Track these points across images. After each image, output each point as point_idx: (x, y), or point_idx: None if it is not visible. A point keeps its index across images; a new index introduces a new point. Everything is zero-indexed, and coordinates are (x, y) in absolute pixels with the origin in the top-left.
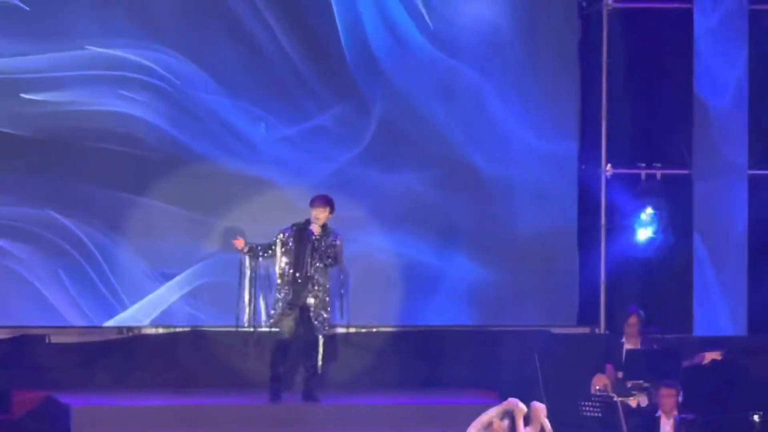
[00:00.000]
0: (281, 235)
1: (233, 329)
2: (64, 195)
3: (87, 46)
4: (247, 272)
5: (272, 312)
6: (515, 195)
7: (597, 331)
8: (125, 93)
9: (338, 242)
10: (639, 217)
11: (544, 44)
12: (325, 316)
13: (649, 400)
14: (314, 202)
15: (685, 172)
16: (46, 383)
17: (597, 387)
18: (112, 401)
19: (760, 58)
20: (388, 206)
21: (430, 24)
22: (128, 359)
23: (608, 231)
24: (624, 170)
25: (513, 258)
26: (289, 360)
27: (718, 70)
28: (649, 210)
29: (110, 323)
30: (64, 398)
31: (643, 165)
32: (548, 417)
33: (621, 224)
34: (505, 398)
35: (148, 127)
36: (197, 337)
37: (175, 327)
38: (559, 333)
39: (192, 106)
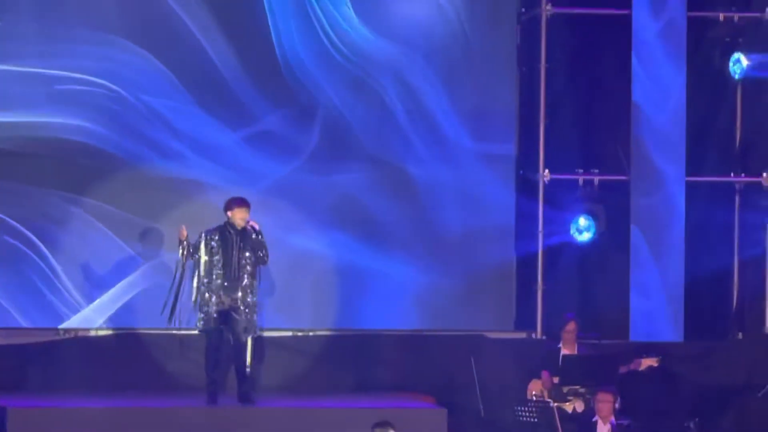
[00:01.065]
0: (206, 237)
1: (169, 332)
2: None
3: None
4: (178, 275)
5: (201, 315)
6: (453, 200)
7: (534, 336)
8: (66, 99)
9: (262, 237)
10: (576, 223)
11: (483, 49)
12: (253, 317)
13: (586, 405)
14: (240, 204)
15: (623, 178)
16: None
17: (533, 392)
18: (49, 403)
19: (699, 65)
20: (324, 209)
21: (366, 29)
22: (65, 361)
23: (546, 236)
24: (562, 176)
25: (450, 262)
26: (222, 362)
27: (657, 78)
28: (587, 216)
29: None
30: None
31: (581, 171)
32: (486, 422)
33: (558, 230)
34: (443, 403)
35: (88, 132)
36: (134, 340)
37: (112, 330)
38: (496, 338)
39: (134, 110)
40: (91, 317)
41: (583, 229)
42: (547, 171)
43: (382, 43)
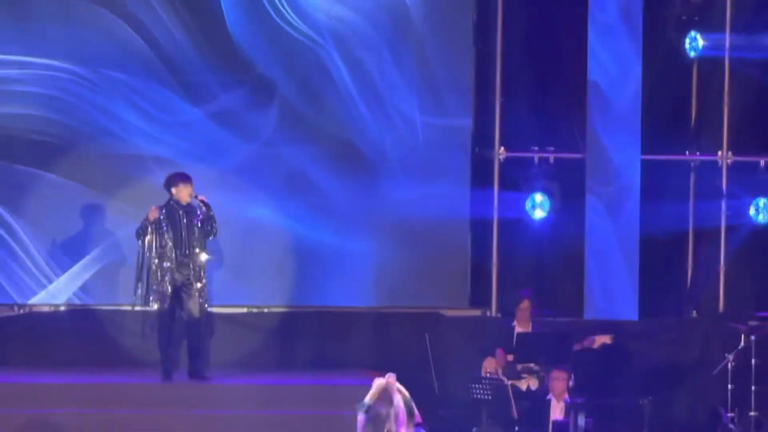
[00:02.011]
0: (155, 211)
1: (124, 308)
2: None
3: None
4: (139, 252)
5: (153, 290)
6: (408, 176)
7: (488, 314)
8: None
9: (210, 210)
10: (531, 200)
11: (438, 25)
12: (205, 293)
13: (540, 383)
14: (185, 179)
15: (579, 156)
16: None
17: (488, 370)
18: (2, 379)
19: (655, 43)
20: (279, 185)
21: (320, 3)
22: (19, 337)
23: (501, 214)
24: (517, 153)
25: (405, 239)
26: (176, 339)
27: (613, 56)
28: (542, 194)
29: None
30: None
31: (537, 149)
32: (440, 399)
33: (513, 207)
34: (397, 380)
35: (51, 109)
36: (88, 316)
37: (66, 305)
38: (451, 315)
39: (95, 87)
40: (54, 293)
41: (537, 207)
42: (502, 148)
43: (335, 14)
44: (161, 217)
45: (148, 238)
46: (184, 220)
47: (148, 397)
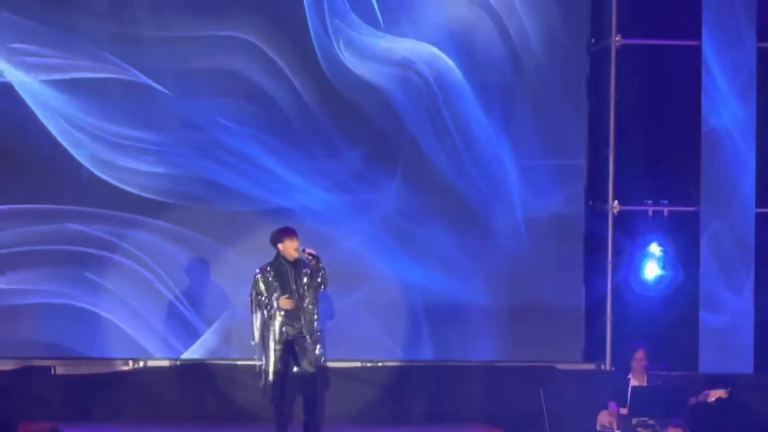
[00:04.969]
0: (260, 275)
1: (238, 363)
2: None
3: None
4: (257, 310)
5: (265, 345)
6: (522, 230)
7: (603, 367)
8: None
9: (320, 262)
10: (646, 253)
11: (552, 80)
12: (317, 347)
13: None
14: (290, 234)
15: (693, 209)
16: (51, 415)
17: (602, 423)
18: None
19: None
20: (395, 239)
21: (447, 59)
22: (134, 391)
23: (615, 267)
24: (631, 207)
25: (519, 294)
26: (289, 393)
27: (727, 109)
28: (656, 247)
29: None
30: (69, 430)
31: (650, 202)
32: None
33: (628, 261)
34: None
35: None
36: (203, 371)
37: (181, 360)
38: (565, 369)
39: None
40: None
41: (651, 260)
42: (616, 202)
43: (456, 73)
44: (269, 274)
45: (258, 294)
46: (292, 274)
47: None
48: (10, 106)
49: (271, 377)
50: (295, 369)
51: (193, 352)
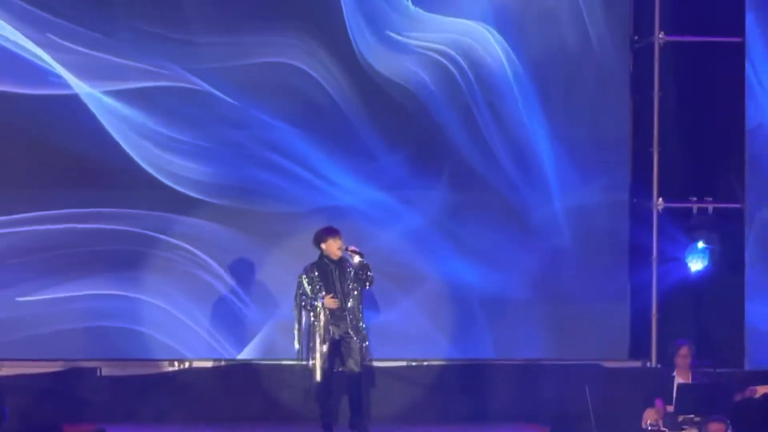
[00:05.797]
0: (304, 276)
1: (282, 363)
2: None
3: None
4: (301, 311)
5: (312, 346)
6: (567, 229)
7: (648, 364)
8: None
9: (364, 259)
10: (691, 250)
11: (595, 78)
12: (364, 346)
13: None
14: (333, 233)
15: (737, 205)
16: (96, 416)
17: (648, 421)
18: None
19: None
20: (439, 237)
21: (487, 53)
22: (178, 392)
23: (660, 264)
24: (675, 204)
25: (565, 291)
26: (335, 393)
27: None
28: (701, 243)
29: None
30: (114, 431)
31: (695, 199)
32: None
33: (672, 258)
34: None
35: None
36: (248, 371)
37: (226, 361)
38: (611, 366)
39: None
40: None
41: (697, 257)
42: (660, 199)
43: (498, 72)
44: (313, 274)
45: (302, 294)
46: (336, 273)
47: None
48: (69, 113)
49: (317, 377)
50: (340, 369)
51: (240, 353)
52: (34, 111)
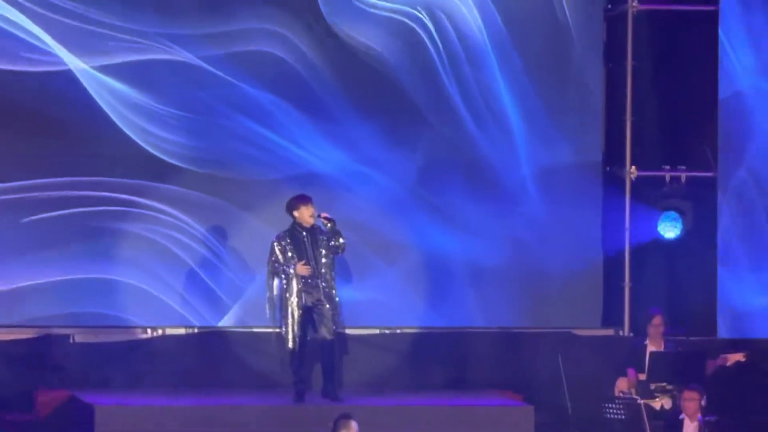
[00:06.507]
0: (277, 243)
1: (254, 330)
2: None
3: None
4: (274, 278)
5: (284, 313)
6: (539, 197)
7: (621, 333)
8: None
9: (335, 225)
10: (663, 219)
11: (568, 46)
12: (337, 313)
13: (673, 402)
14: (305, 201)
15: (711, 174)
16: (69, 383)
17: (621, 389)
18: (136, 401)
19: None
20: (415, 205)
21: (450, 27)
22: (152, 359)
23: (633, 233)
24: (649, 172)
25: (537, 259)
26: (308, 360)
27: (744, 73)
28: (674, 212)
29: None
30: (87, 398)
31: (668, 167)
32: (573, 419)
33: (646, 226)
34: (529, 401)
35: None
36: (220, 338)
37: (200, 328)
38: (583, 335)
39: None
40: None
41: (669, 226)
42: (633, 168)
43: (470, 40)
44: (285, 242)
45: (275, 262)
46: (309, 240)
47: (282, 418)
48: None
49: (290, 344)
50: (313, 336)
51: (214, 320)
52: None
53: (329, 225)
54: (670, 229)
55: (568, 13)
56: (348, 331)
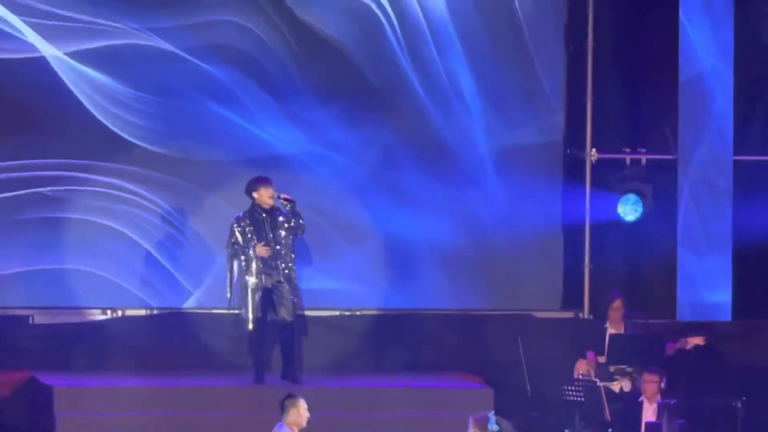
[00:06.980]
0: (236, 224)
1: (214, 311)
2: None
3: None
4: (233, 259)
5: (244, 295)
6: (500, 178)
7: (581, 315)
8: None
9: (295, 206)
10: (624, 202)
11: (530, 28)
12: (297, 294)
13: (633, 385)
14: (265, 182)
15: (671, 157)
16: (28, 364)
17: (580, 371)
18: (96, 382)
19: (747, 41)
20: (374, 186)
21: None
22: (111, 340)
23: (593, 215)
24: (609, 155)
25: (497, 241)
26: (268, 342)
27: (705, 55)
28: (634, 195)
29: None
30: (46, 379)
31: (628, 150)
32: (532, 401)
33: (606, 209)
34: (489, 383)
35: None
36: (179, 319)
37: (159, 309)
38: (543, 317)
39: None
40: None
41: (630, 208)
42: (594, 150)
43: (429, 22)
44: (245, 223)
45: (234, 243)
46: (268, 222)
47: (241, 400)
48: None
49: (249, 326)
50: (273, 318)
51: (174, 301)
52: None
53: (289, 206)
54: (630, 212)
55: None
56: (309, 312)
